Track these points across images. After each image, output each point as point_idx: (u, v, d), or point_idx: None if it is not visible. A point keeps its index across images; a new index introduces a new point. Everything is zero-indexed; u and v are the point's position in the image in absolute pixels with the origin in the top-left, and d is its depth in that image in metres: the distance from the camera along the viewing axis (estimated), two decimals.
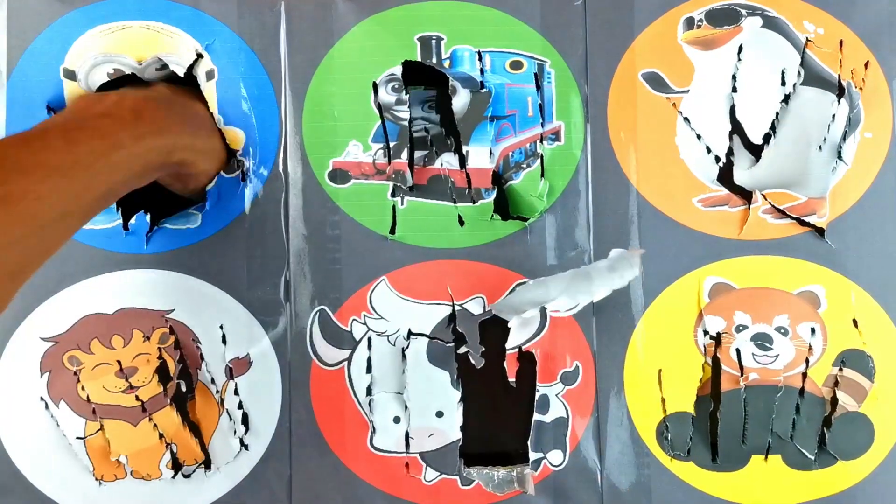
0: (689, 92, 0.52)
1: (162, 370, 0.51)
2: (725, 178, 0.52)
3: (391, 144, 0.51)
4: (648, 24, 0.53)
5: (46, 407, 0.51)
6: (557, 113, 0.52)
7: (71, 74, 0.51)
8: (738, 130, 0.52)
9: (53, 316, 0.51)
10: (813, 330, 0.52)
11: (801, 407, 0.51)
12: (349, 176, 0.52)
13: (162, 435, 0.51)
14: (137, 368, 0.51)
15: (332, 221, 0.52)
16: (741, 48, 0.52)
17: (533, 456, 0.51)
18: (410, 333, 0.51)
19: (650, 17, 0.53)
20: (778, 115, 0.52)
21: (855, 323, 0.52)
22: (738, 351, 0.52)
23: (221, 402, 0.51)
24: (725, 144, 0.52)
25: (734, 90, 0.52)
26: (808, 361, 0.51)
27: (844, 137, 0.52)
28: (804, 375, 0.51)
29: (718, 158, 0.52)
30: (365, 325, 0.51)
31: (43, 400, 0.51)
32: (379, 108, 0.51)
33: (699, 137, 0.52)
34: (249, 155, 0.51)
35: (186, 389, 0.51)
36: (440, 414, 0.51)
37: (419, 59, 0.52)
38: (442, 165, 0.52)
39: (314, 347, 0.52)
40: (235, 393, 0.51)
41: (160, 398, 0.51)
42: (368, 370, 0.51)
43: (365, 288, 0.52)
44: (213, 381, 0.51)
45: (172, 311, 0.51)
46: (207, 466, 0.51)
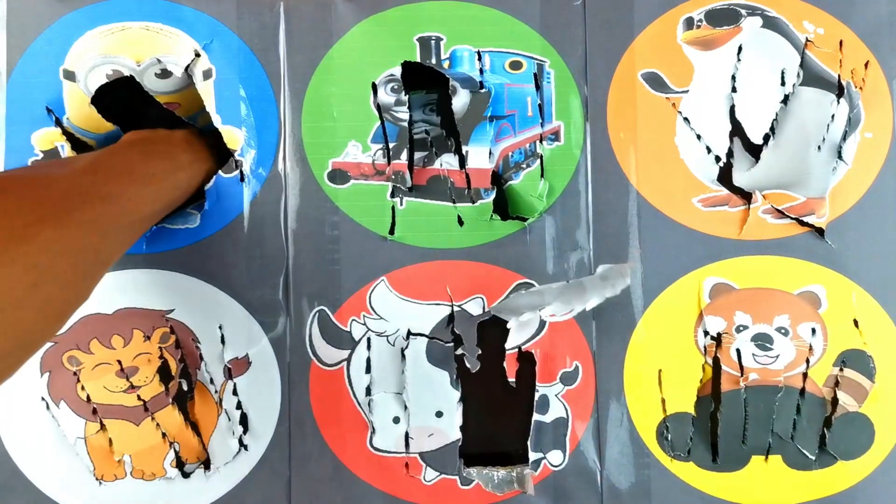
0: (688, 92, 0.52)
1: (163, 369, 0.51)
2: (725, 178, 0.52)
3: (390, 145, 0.51)
4: (648, 24, 0.53)
5: (47, 407, 0.51)
6: (557, 113, 0.52)
7: (71, 76, 0.51)
8: (737, 131, 0.52)
9: None
10: (813, 330, 0.51)
11: (801, 407, 0.51)
12: (348, 176, 0.52)
13: (165, 434, 0.51)
14: (138, 368, 0.51)
15: (331, 222, 0.52)
16: (741, 48, 0.52)
17: (533, 456, 0.51)
18: (410, 334, 0.51)
19: (650, 17, 0.53)
20: (777, 115, 0.52)
21: (855, 323, 0.51)
22: (738, 351, 0.51)
23: (220, 402, 0.51)
24: (725, 144, 0.52)
25: (734, 90, 0.52)
26: (808, 362, 0.51)
27: (844, 137, 0.52)
28: (805, 376, 0.51)
29: (718, 158, 0.52)
30: (364, 325, 0.51)
31: (44, 400, 0.51)
32: (378, 108, 0.51)
33: (699, 137, 0.52)
34: (248, 155, 0.51)
35: (187, 389, 0.51)
36: (440, 414, 0.51)
37: (419, 59, 0.52)
38: (441, 166, 0.52)
39: (313, 348, 0.52)
40: (234, 393, 0.51)
41: (162, 397, 0.51)
42: (368, 370, 0.51)
43: (364, 288, 0.52)
44: (211, 381, 0.51)
45: (172, 310, 0.51)
46: (207, 467, 0.51)
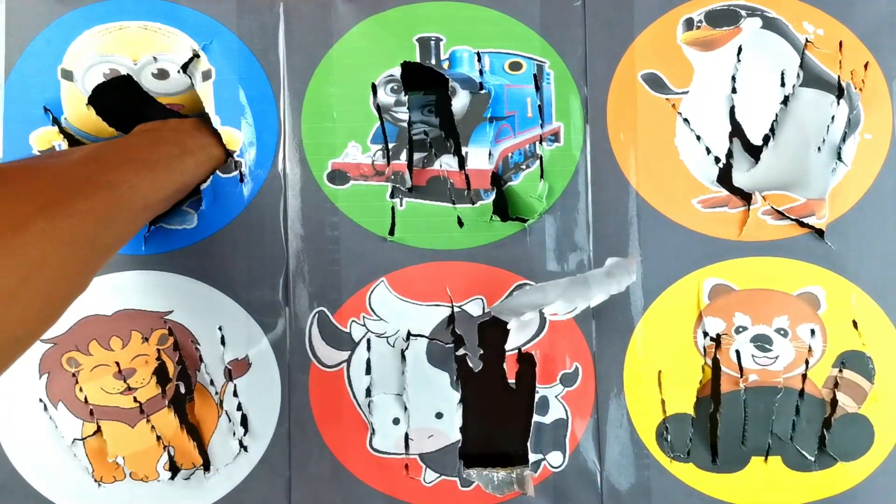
0: (688, 93, 0.52)
1: (160, 371, 0.51)
2: (725, 179, 0.52)
3: (390, 146, 0.51)
4: (648, 24, 0.53)
5: (45, 408, 0.51)
6: (557, 114, 0.52)
7: (68, 75, 0.50)
8: (737, 132, 0.52)
9: None
10: (813, 331, 0.51)
11: (800, 408, 0.51)
12: (348, 177, 0.52)
13: (160, 437, 0.51)
14: (136, 370, 0.51)
15: (331, 222, 0.52)
16: (741, 49, 0.52)
17: (532, 457, 0.51)
18: (410, 335, 0.51)
19: (650, 17, 0.53)
20: (777, 116, 0.52)
21: (855, 324, 0.52)
22: (737, 352, 0.51)
23: (220, 403, 0.51)
24: (725, 145, 0.52)
25: (734, 91, 0.52)
26: (807, 363, 0.51)
27: (844, 138, 0.52)
28: (804, 377, 0.51)
29: (718, 159, 0.52)
30: (364, 326, 0.51)
31: (42, 401, 0.51)
32: (378, 109, 0.51)
33: (699, 138, 0.52)
34: (248, 155, 0.51)
35: (185, 391, 0.51)
36: (440, 415, 0.51)
37: (418, 60, 0.52)
38: (441, 167, 0.52)
39: (313, 349, 0.51)
40: (234, 394, 0.51)
41: (158, 400, 0.51)
42: (368, 371, 0.51)
43: (364, 289, 0.52)
44: (212, 382, 0.51)
45: (171, 312, 0.51)
46: (207, 468, 0.51)
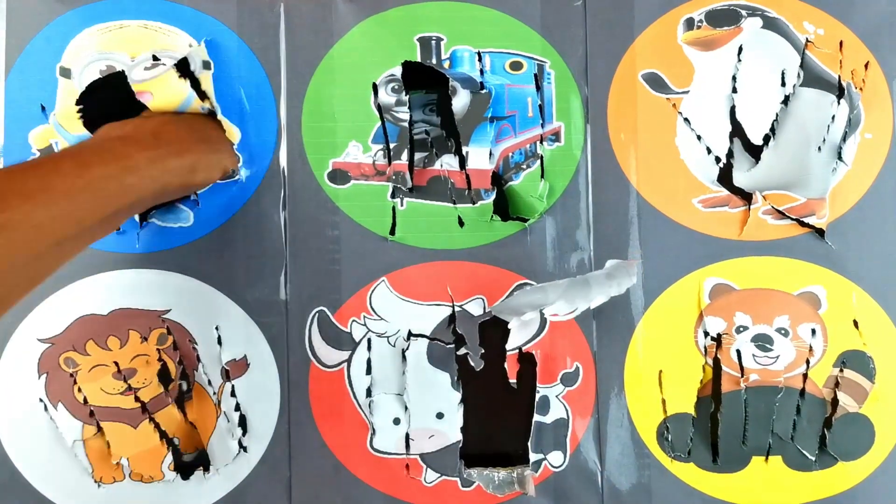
0: (689, 93, 0.52)
1: (163, 372, 0.51)
2: (725, 178, 0.52)
3: (391, 145, 0.51)
4: (648, 24, 0.53)
5: (45, 409, 0.50)
6: (557, 114, 0.52)
7: (66, 72, 0.50)
8: (738, 131, 0.52)
9: (49, 317, 0.50)
10: (813, 331, 0.52)
11: (801, 408, 0.51)
12: (349, 177, 0.52)
13: (163, 435, 0.51)
14: (136, 370, 0.50)
15: (331, 222, 0.51)
16: (741, 49, 0.52)
17: (533, 457, 0.51)
18: (410, 334, 0.51)
19: (650, 17, 0.53)
20: (778, 115, 0.52)
21: (855, 324, 0.52)
22: (738, 352, 0.51)
23: (218, 404, 0.51)
24: (725, 145, 0.52)
25: (734, 91, 0.52)
26: (808, 362, 0.51)
27: (844, 138, 0.52)
28: (805, 376, 0.51)
29: (719, 159, 0.52)
30: (365, 326, 0.51)
31: (42, 401, 0.50)
32: (379, 108, 0.51)
33: (699, 138, 0.52)
34: (246, 154, 0.51)
35: (186, 389, 0.51)
36: (440, 415, 0.51)
37: (419, 59, 0.51)
38: (442, 166, 0.52)
39: (313, 349, 0.51)
40: (232, 395, 0.51)
41: (161, 398, 0.51)
42: (368, 371, 0.51)
43: (365, 289, 0.51)
44: (209, 382, 0.51)
45: (169, 311, 0.51)
46: (206, 468, 0.51)
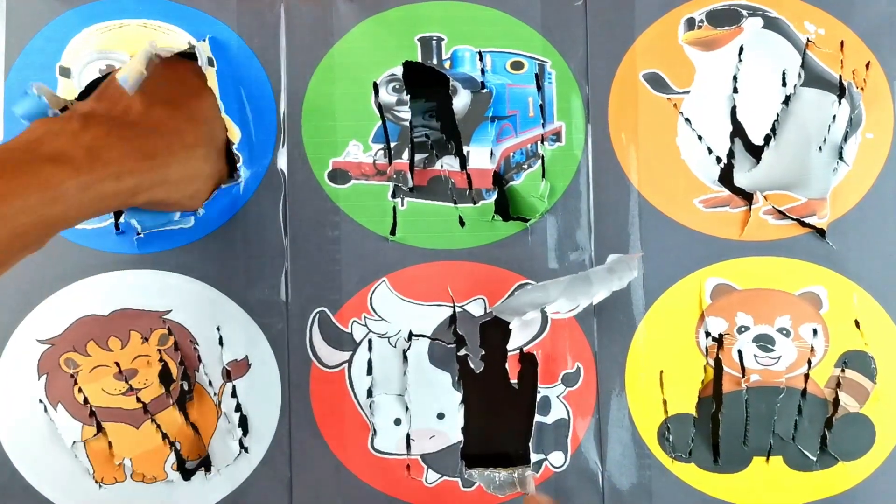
0: (690, 93, 0.52)
1: (164, 373, 0.51)
2: (726, 178, 0.52)
3: (392, 145, 0.51)
4: (649, 24, 0.53)
5: (45, 410, 0.50)
6: (558, 113, 0.52)
7: (66, 72, 0.50)
8: (738, 131, 0.52)
9: (49, 317, 0.50)
10: (815, 331, 0.52)
11: (802, 408, 0.51)
12: (349, 176, 0.51)
13: (165, 436, 0.51)
14: (137, 370, 0.50)
15: (332, 222, 0.51)
16: (742, 49, 0.52)
17: (534, 457, 0.51)
18: (411, 335, 0.51)
19: (651, 17, 0.53)
20: (779, 115, 0.52)
21: (857, 324, 0.52)
22: (739, 352, 0.51)
23: (219, 404, 0.51)
24: (726, 145, 0.52)
25: (735, 91, 0.52)
26: (809, 363, 0.51)
27: (845, 138, 0.52)
28: (806, 376, 0.51)
29: (719, 159, 0.52)
30: (365, 326, 0.51)
31: (42, 402, 0.50)
32: (379, 108, 0.51)
33: (700, 138, 0.52)
34: (247, 154, 0.51)
35: (187, 389, 0.51)
36: (441, 415, 0.51)
37: (420, 59, 0.51)
38: (442, 166, 0.52)
39: (314, 349, 0.51)
40: (233, 395, 0.51)
41: (163, 399, 0.51)
42: (369, 372, 0.51)
43: (365, 289, 0.51)
44: (210, 383, 0.51)
45: (169, 311, 0.51)
46: (207, 469, 0.51)
